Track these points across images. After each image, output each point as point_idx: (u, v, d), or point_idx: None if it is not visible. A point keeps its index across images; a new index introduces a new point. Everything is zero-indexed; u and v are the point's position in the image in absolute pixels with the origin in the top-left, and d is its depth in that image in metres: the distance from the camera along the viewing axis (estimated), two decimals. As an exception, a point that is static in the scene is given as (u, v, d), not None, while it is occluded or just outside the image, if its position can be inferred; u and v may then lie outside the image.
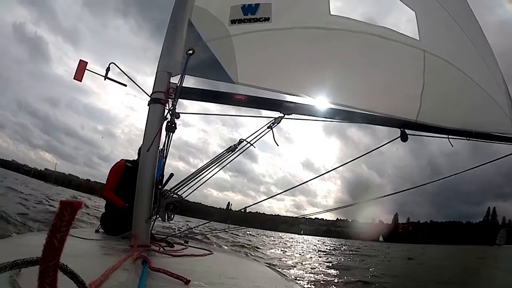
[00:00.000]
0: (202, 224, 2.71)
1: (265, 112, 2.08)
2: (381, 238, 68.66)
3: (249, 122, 2.01)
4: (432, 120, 2.09)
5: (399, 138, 2.07)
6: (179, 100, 1.92)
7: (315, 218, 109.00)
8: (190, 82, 2.02)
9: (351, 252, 21.01)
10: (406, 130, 2.07)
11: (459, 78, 2.12)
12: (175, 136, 1.82)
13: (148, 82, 2.28)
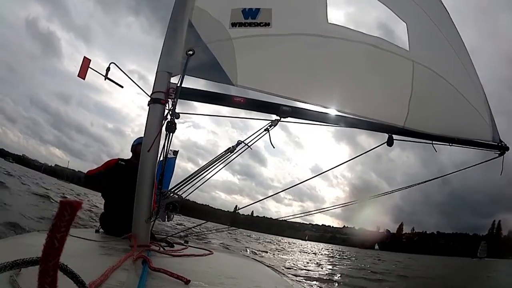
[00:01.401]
0: (200, 225, 2.72)
1: (264, 115, 2.12)
2: (376, 247, 69.64)
3: (258, 125, 2.06)
4: (418, 126, 2.22)
5: (386, 143, 2.19)
6: (189, 101, 1.93)
7: (322, 224, 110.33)
8: (200, 83, 2.03)
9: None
10: (393, 136, 2.19)
11: (444, 88, 2.27)
12: (184, 137, 1.87)
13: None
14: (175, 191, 1.90)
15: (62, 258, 0.37)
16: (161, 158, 1.88)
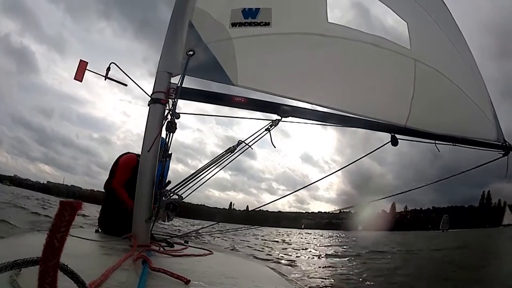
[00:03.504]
0: (208, 226, 2.73)
1: (263, 114, 2.12)
2: (360, 228, 71.84)
3: (244, 121, 2.06)
4: (420, 125, 2.19)
5: (390, 143, 2.16)
6: (189, 101, 1.94)
7: (318, 212, 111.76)
8: (197, 84, 2.03)
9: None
10: (396, 135, 2.16)
11: (447, 86, 2.25)
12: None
13: (141, 84, 2.30)
14: (175, 191, 1.90)
15: (62, 258, 0.37)
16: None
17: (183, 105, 2.36)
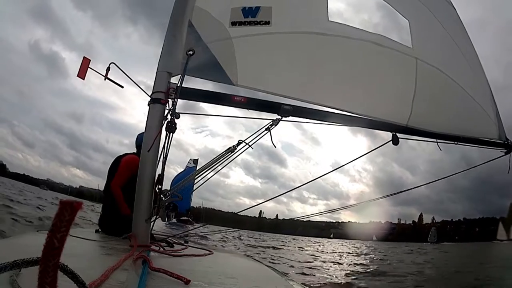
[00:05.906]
0: (198, 227, 2.73)
1: (265, 114, 2.11)
2: (374, 238, 73.32)
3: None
4: (422, 124, 2.18)
5: (390, 142, 2.16)
6: (190, 100, 1.94)
7: (348, 221, 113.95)
8: (198, 84, 2.03)
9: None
10: (397, 134, 2.16)
11: (449, 85, 2.24)
12: (201, 145, 1.84)
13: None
14: (175, 191, 1.90)
15: (62, 258, 0.37)
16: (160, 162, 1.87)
17: (208, 107, 2.35)
